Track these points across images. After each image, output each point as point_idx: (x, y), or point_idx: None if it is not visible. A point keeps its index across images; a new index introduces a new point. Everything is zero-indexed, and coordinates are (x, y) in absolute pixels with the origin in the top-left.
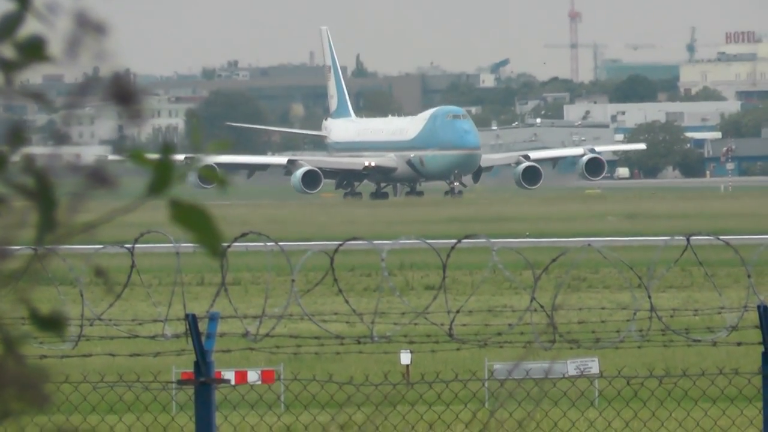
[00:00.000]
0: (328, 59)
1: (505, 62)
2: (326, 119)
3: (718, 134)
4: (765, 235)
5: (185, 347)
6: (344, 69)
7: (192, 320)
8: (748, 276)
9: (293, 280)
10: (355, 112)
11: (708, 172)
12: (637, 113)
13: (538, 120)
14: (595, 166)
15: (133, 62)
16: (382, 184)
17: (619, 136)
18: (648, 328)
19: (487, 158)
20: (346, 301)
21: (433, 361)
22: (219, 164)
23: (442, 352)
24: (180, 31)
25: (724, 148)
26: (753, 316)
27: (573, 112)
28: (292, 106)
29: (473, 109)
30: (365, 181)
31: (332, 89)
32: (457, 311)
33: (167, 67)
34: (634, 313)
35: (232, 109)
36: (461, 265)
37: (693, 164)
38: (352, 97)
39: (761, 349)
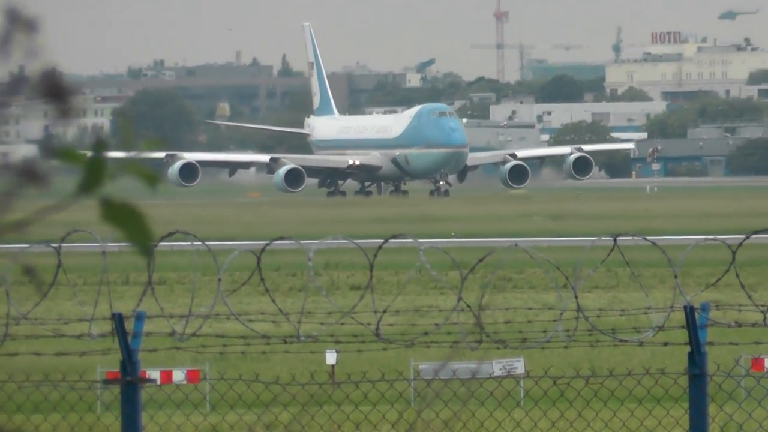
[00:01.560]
0: (310, 56)
1: (431, 62)
2: (309, 117)
3: (644, 135)
4: (691, 236)
5: (111, 346)
6: (270, 68)
7: (118, 319)
8: (675, 276)
9: (220, 280)
10: (281, 112)
11: (634, 173)
12: (563, 113)
13: (465, 120)
14: (582, 165)
15: (58, 61)
16: (366, 183)
17: (545, 137)
18: (575, 329)
19: (473, 157)
20: (273, 301)
21: (359, 361)
22: (200, 162)
23: (369, 352)
24: (105, 30)
25: (650, 149)
26: (679, 317)
27: (499, 112)
28: (218, 105)
29: (399, 109)
30: (349, 180)
31: (315, 86)
32: (384, 311)
33: (93, 67)
34: (561, 313)
35: (158, 109)
36: (387, 265)
37: (619, 165)
38: (277, 96)
39: (687, 349)
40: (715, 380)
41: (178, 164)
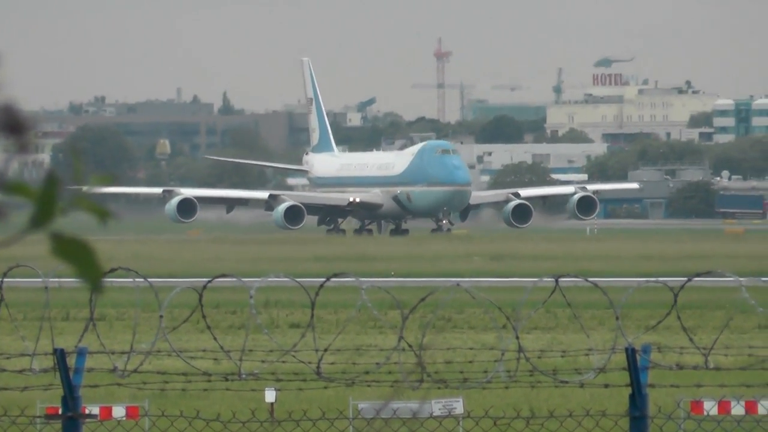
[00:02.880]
0: (309, 91)
1: (371, 101)
2: (307, 153)
3: (584, 176)
4: (631, 278)
5: (53, 382)
6: (210, 106)
7: (60, 355)
8: (616, 318)
9: (161, 316)
10: (221, 150)
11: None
12: (503, 154)
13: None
14: (586, 205)
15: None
16: (367, 221)
17: (485, 177)
18: (515, 369)
19: (476, 195)
20: (214, 338)
21: (299, 399)
22: (198, 197)
23: (310, 390)
24: (46, 65)
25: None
26: (620, 358)
27: None
28: (158, 142)
29: (339, 148)
30: (349, 218)
31: (314, 122)
32: (325, 350)
33: (33, 102)
34: (502, 354)
35: (99, 145)
36: (327, 304)
37: (559, 206)
38: (218, 134)
39: (628, 391)
40: (656, 423)
41: (175, 200)
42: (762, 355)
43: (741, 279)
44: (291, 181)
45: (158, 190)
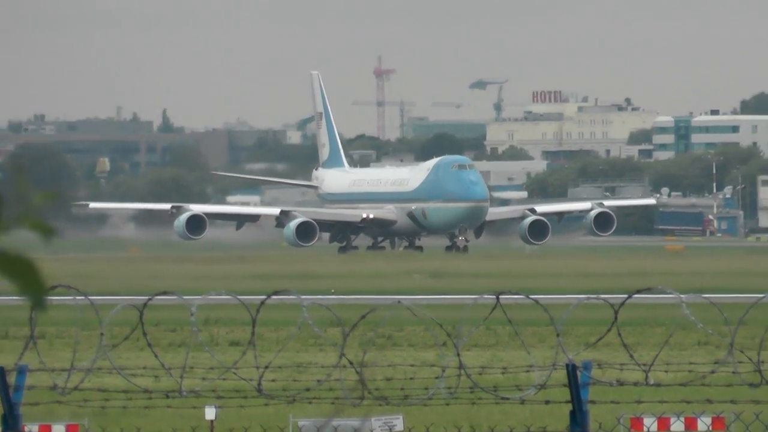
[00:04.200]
0: (319, 106)
1: (311, 119)
2: (317, 169)
3: (524, 194)
4: (572, 295)
5: None
6: (150, 124)
7: (0, 373)
8: (557, 335)
9: (102, 334)
10: (161, 168)
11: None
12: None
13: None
14: (604, 221)
15: None
16: (380, 238)
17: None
18: (456, 386)
19: (492, 212)
20: (155, 356)
21: (240, 417)
22: (207, 214)
23: (250, 408)
24: None
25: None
26: (561, 375)
27: None
28: (98, 160)
29: (279, 166)
30: (361, 235)
31: (323, 138)
32: (266, 367)
33: None
34: (443, 371)
35: (38, 163)
36: (267, 322)
37: (499, 223)
38: (158, 152)
39: (569, 407)
40: None
41: (184, 216)
42: (702, 372)
43: (681, 296)
44: (230, 198)
45: (167, 206)
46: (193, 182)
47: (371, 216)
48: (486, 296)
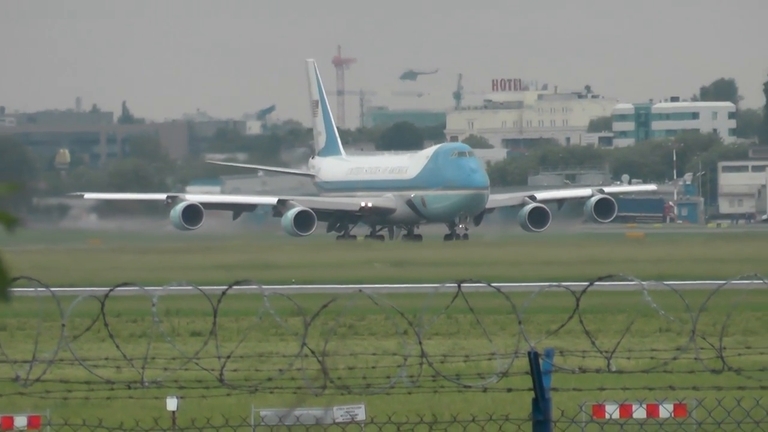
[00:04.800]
0: (315, 94)
1: (271, 109)
2: (313, 157)
3: None
4: (533, 283)
5: None
6: (110, 115)
7: None
8: (519, 322)
9: (63, 325)
10: (122, 159)
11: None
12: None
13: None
14: (604, 208)
15: None
16: (378, 227)
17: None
18: (418, 374)
19: (491, 199)
20: (117, 346)
21: (202, 407)
22: (204, 203)
23: (212, 398)
24: None
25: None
26: (523, 363)
27: None
28: (58, 152)
29: (240, 156)
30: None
31: (320, 126)
32: (228, 357)
33: None
34: (405, 359)
35: None
36: (228, 312)
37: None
38: (118, 143)
39: (531, 395)
40: (559, 426)
41: (180, 206)
42: (663, 358)
43: (643, 282)
44: (190, 188)
45: (162, 195)
46: (153, 173)
47: (370, 204)
48: (447, 285)
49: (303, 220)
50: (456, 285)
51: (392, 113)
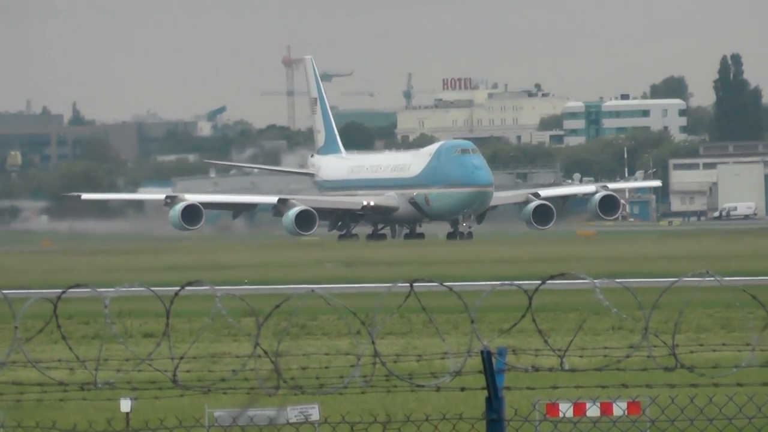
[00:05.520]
0: (313, 91)
1: (222, 110)
2: (312, 156)
3: None
4: (486, 282)
5: None
6: (60, 117)
7: None
8: (472, 321)
9: (16, 327)
10: (72, 161)
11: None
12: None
13: (256, 169)
14: (608, 204)
15: None
16: (380, 225)
17: None
18: (371, 374)
19: (495, 196)
20: (70, 348)
21: (155, 408)
22: (204, 203)
23: (166, 399)
24: None
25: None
26: (476, 362)
27: (291, 159)
28: (9, 154)
29: (190, 157)
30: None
31: (319, 123)
32: (181, 358)
33: None
34: (358, 359)
35: None
36: (181, 313)
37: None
38: (69, 145)
39: (485, 394)
40: (513, 425)
41: (180, 206)
42: (616, 356)
43: (595, 281)
44: (141, 190)
45: (161, 196)
46: (104, 174)
47: (372, 203)
48: (400, 284)
49: (304, 220)
50: (408, 284)
51: (343, 113)
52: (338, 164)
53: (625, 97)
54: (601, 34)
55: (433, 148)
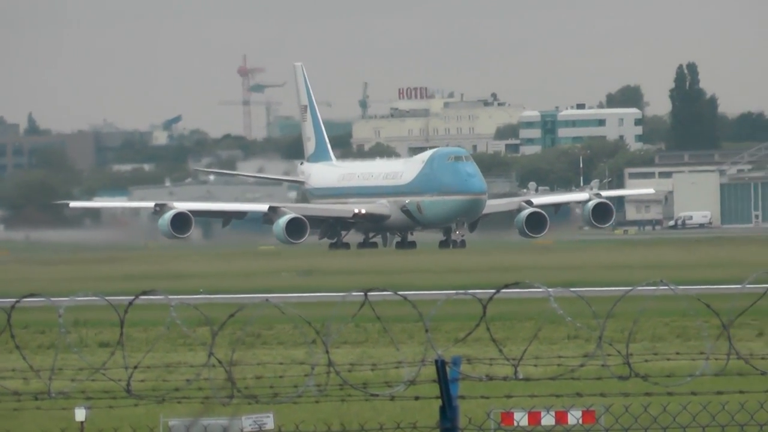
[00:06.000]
0: (303, 98)
1: (177, 119)
2: (302, 163)
3: None
4: (441, 291)
5: None
6: (16, 126)
7: None
8: (426, 330)
9: None
10: (29, 170)
11: None
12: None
13: (212, 177)
14: (602, 212)
15: None
16: (371, 234)
17: (293, 194)
18: (326, 383)
19: (487, 204)
20: (24, 358)
21: (110, 417)
22: (193, 211)
23: (120, 408)
24: None
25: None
26: (431, 371)
27: (246, 169)
28: None
29: (146, 166)
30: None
31: (309, 131)
32: (135, 367)
33: None
34: (312, 368)
35: None
36: (136, 322)
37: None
38: (25, 154)
39: (439, 403)
40: None
41: (169, 214)
42: (571, 365)
43: (549, 290)
44: (97, 199)
45: (150, 204)
46: (60, 184)
47: (363, 211)
48: (355, 293)
49: (295, 228)
50: (363, 294)
51: (299, 123)
52: (329, 172)
53: (581, 106)
54: (557, 43)
55: (425, 155)
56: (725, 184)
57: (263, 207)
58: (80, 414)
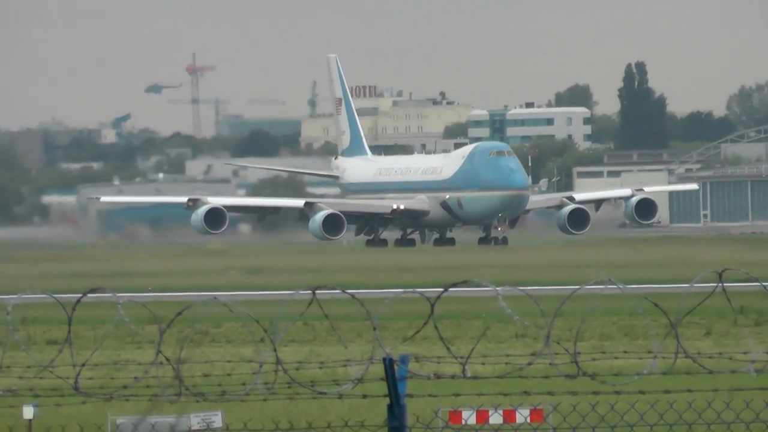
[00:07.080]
0: (337, 91)
1: (126, 117)
2: (336, 158)
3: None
4: (388, 289)
5: None
6: None
7: None
8: (374, 329)
9: None
10: None
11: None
12: (258, 169)
13: (161, 175)
14: (645, 209)
15: None
16: (409, 230)
17: (242, 191)
18: (274, 381)
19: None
20: None
21: (58, 415)
22: (227, 207)
23: (68, 406)
24: None
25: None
26: (379, 369)
27: (195, 167)
28: None
29: (95, 165)
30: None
31: (343, 124)
32: (83, 365)
33: None
34: (260, 366)
35: None
36: (84, 320)
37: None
38: None
39: (387, 401)
40: None
41: (202, 209)
42: (519, 364)
43: (497, 288)
44: (46, 198)
45: (183, 198)
46: (9, 182)
47: (402, 207)
48: (302, 292)
49: (332, 224)
50: (310, 292)
51: (248, 121)
52: (365, 166)
53: (529, 105)
54: (505, 42)
55: (466, 150)
56: (674, 183)
57: (299, 203)
58: (28, 412)
